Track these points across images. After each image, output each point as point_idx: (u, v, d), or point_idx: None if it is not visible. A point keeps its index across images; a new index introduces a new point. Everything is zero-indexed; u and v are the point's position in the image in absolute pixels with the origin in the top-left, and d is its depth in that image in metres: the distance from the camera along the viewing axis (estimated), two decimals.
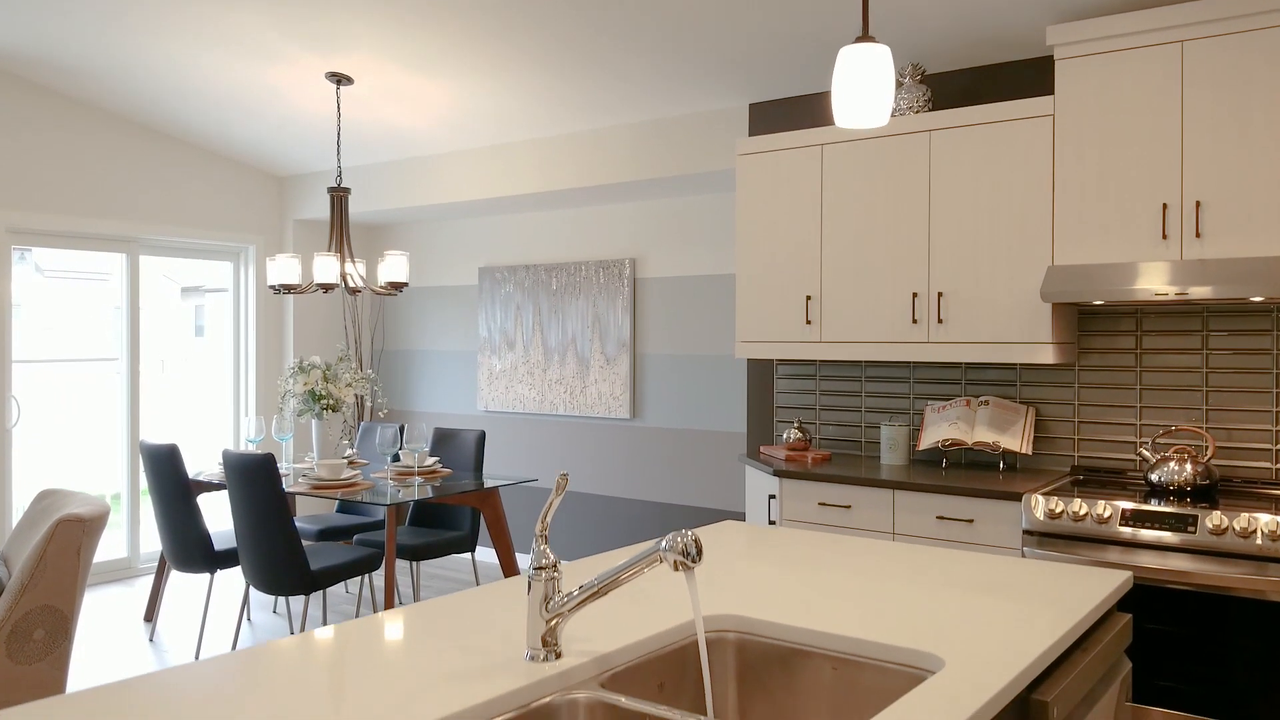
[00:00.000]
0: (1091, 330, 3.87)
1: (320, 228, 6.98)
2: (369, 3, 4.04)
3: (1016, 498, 3.41)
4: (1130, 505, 3.17)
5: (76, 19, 4.48)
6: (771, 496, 4.04)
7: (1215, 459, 3.61)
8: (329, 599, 5.54)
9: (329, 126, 5.70)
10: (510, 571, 4.77)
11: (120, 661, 4.50)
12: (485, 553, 6.57)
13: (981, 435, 3.92)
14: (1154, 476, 3.38)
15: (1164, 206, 3.33)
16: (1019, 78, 4.06)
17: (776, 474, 3.97)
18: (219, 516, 6.10)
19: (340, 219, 5.05)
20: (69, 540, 2.86)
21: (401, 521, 6.10)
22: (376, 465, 5.45)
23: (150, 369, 6.30)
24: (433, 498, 4.43)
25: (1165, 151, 3.36)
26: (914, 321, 3.92)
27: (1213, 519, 3.01)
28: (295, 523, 4.69)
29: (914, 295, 3.92)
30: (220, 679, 1.43)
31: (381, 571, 6.04)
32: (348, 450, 5.46)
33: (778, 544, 2.42)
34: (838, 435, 4.54)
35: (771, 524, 4.02)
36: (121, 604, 5.46)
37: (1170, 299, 3.23)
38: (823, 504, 3.87)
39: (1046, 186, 3.62)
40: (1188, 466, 3.33)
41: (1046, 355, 3.62)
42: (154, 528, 5.43)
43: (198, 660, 1.49)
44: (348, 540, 5.31)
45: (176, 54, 4.81)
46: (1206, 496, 3.27)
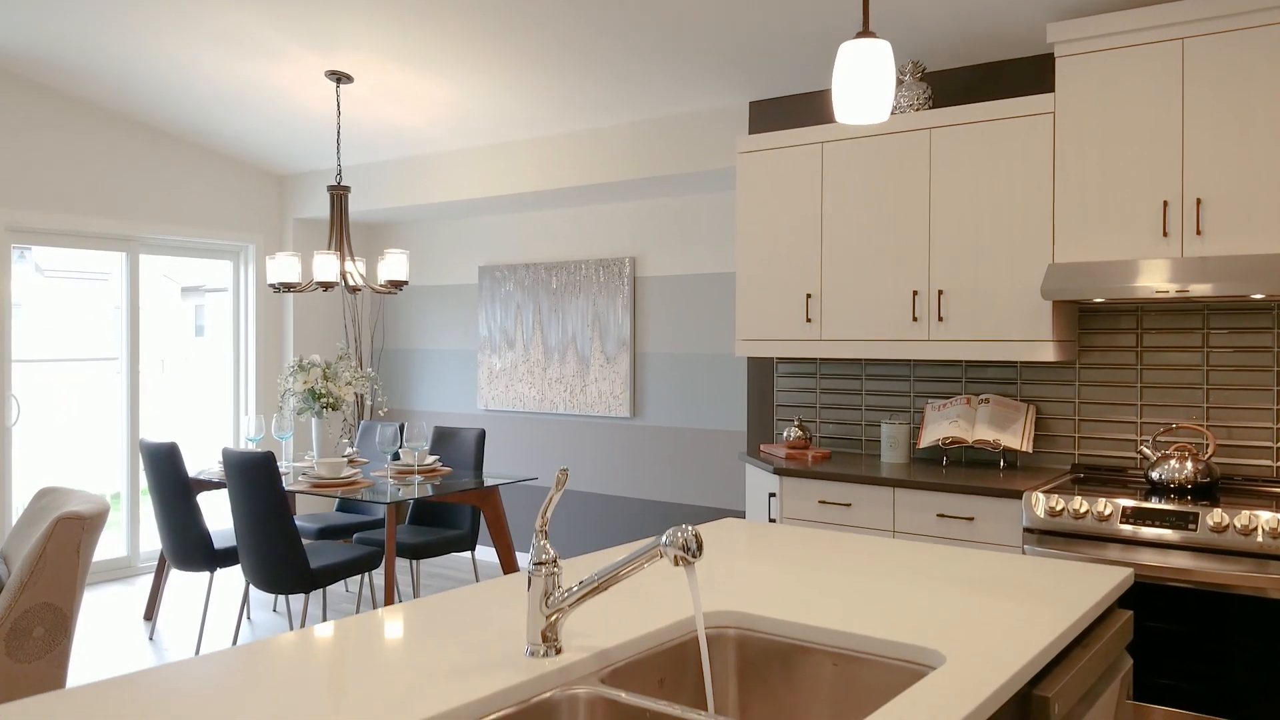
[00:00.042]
0: (1092, 328, 3.87)
1: (320, 227, 6.98)
2: (369, 2, 4.04)
3: (1017, 495, 3.41)
4: (1131, 503, 3.17)
5: (77, 18, 4.48)
6: (772, 495, 4.04)
7: (1216, 457, 3.61)
8: (329, 598, 5.54)
9: (329, 125, 5.69)
10: (510, 570, 4.77)
11: (120, 660, 4.50)
12: (485, 551, 6.56)
13: (982, 433, 3.92)
14: (1155, 474, 3.38)
15: (1165, 204, 3.33)
16: (1019, 75, 4.05)
17: (777, 472, 3.97)
18: (219, 515, 6.10)
19: (340, 217, 5.04)
20: (68, 538, 2.86)
21: (401, 520, 6.10)
22: (376, 464, 5.45)
23: (150, 368, 6.30)
24: (433, 496, 4.42)
25: (1166, 149, 3.35)
26: (914, 319, 3.91)
27: (1213, 517, 3.01)
28: (295, 521, 4.69)
29: (914, 293, 3.91)
30: (220, 674, 1.43)
31: (381, 570, 6.03)
32: (348, 449, 5.45)
33: (778, 541, 2.42)
34: (838, 433, 4.53)
35: (772, 522, 4.02)
36: (121, 603, 5.45)
37: (1171, 296, 3.23)
38: (823, 502, 3.87)
39: (1047, 184, 3.62)
40: (1188, 464, 3.32)
41: (1047, 353, 3.62)
42: (154, 526, 5.42)
43: (198, 656, 1.49)
44: (347, 539, 5.31)
45: (176, 53, 4.81)
46: (1207, 494, 3.26)
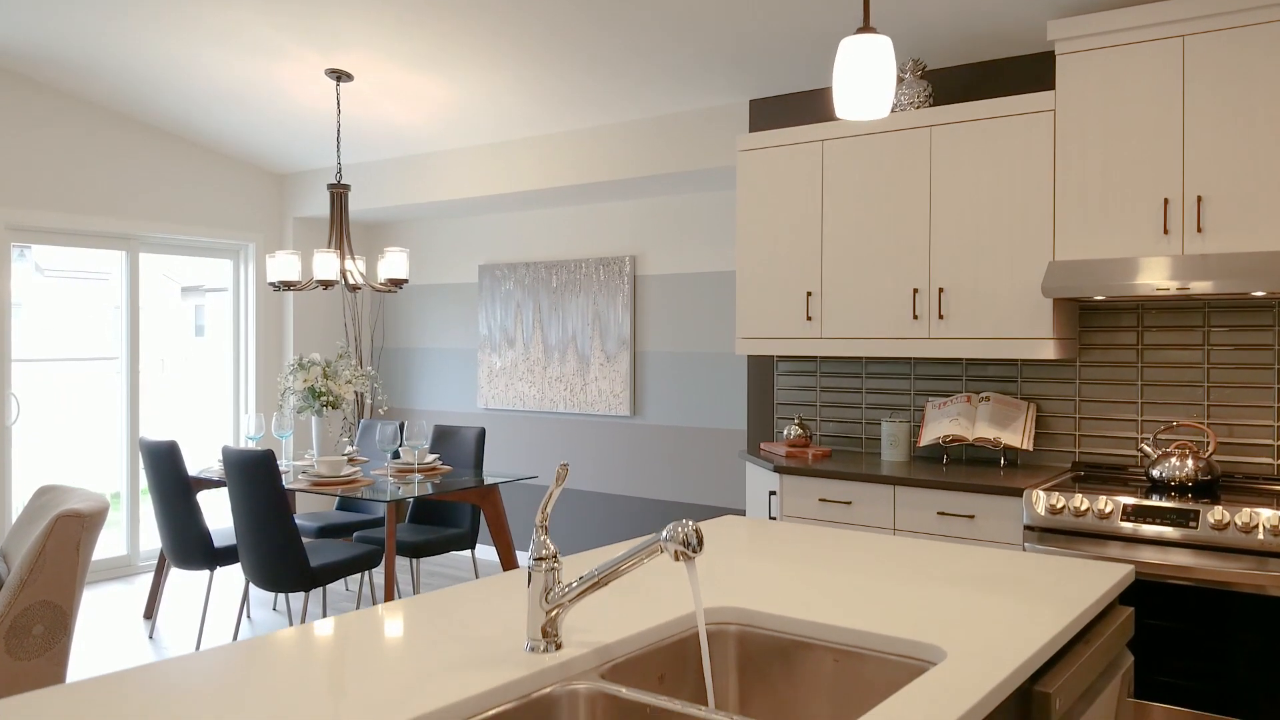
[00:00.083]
0: (1093, 326, 3.87)
1: (320, 225, 6.98)
2: (369, 0, 4.04)
3: (1017, 493, 3.40)
4: (1132, 500, 3.17)
5: (77, 16, 4.48)
6: (772, 493, 4.04)
7: (1217, 455, 3.61)
8: (329, 596, 5.54)
9: (329, 124, 5.69)
10: (510, 568, 4.77)
11: (120, 658, 4.49)
12: (485, 550, 6.56)
13: (982, 431, 3.92)
14: (1155, 472, 3.38)
15: (1165, 201, 3.33)
16: (1020, 73, 4.05)
17: (777, 470, 3.97)
18: (218, 514, 6.09)
19: (340, 216, 5.04)
20: (68, 536, 2.86)
21: (401, 519, 6.09)
22: (376, 462, 5.45)
23: (150, 368, 6.30)
24: (433, 494, 4.42)
25: (1166, 146, 3.35)
26: (915, 317, 3.91)
27: (1214, 514, 3.00)
28: (295, 520, 4.69)
29: (915, 291, 3.91)
30: (220, 669, 1.43)
31: (381, 568, 6.03)
32: (348, 447, 5.45)
33: (778, 538, 2.42)
34: (838, 432, 4.53)
35: (772, 520, 4.01)
36: (121, 601, 5.45)
37: (1171, 294, 3.22)
38: (823, 500, 3.87)
39: (1047, 182, 3.61)
40: (1189, 462, 3.32)
41: (1047, 351, 3.62)
42: (153, 525, 5.42)
43: (198, 651, 1.49)
44: (347, 537, 5.30)
45: (176, 51, 4.80)
46: (1208, 492, 3.26)
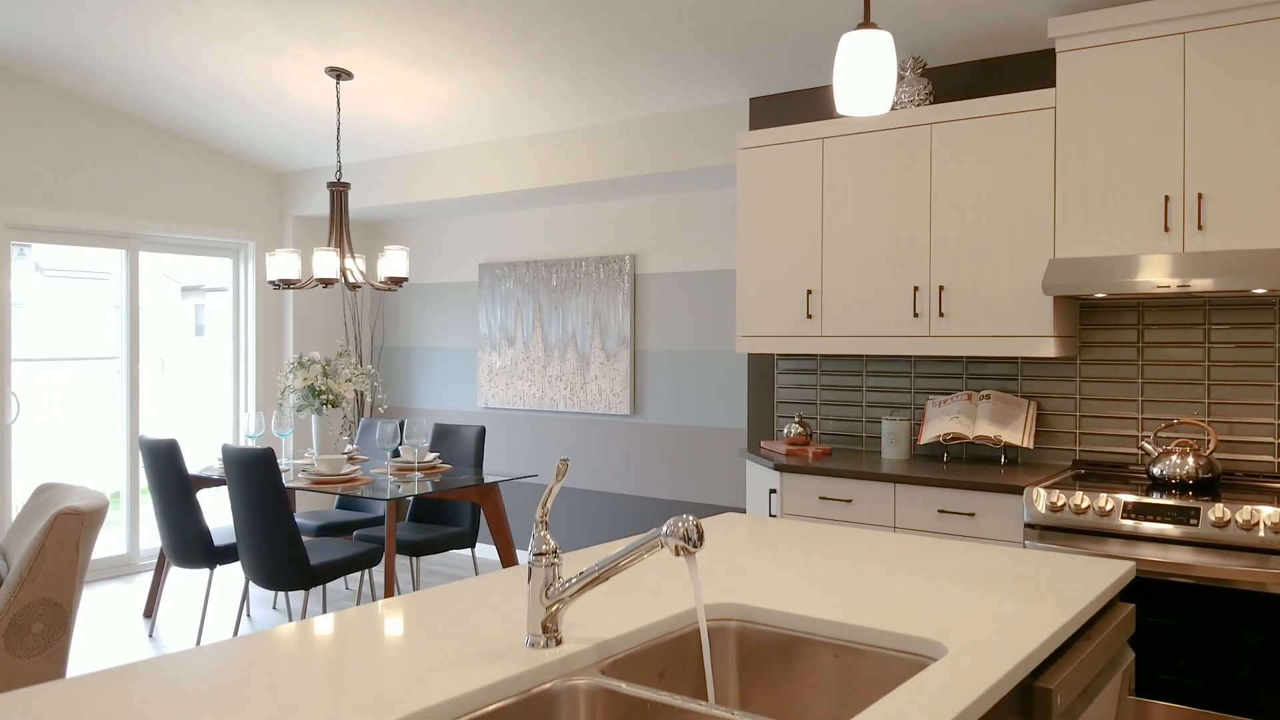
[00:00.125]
0: (1093, 324, 3.86)
1: (320, 224, 6.97)
2: None
3: (1018, 491, 3.40)
4: (1132, 498, 3.16)
5: (76, 15, 4.47)
6: (772, 491, 4.03)
7: (1217, 452, 3.60)
8: (328, 595, 5.53)
9: (329, 122, 5.69)
10: (510, 566, 4.76)
11: (120, 657, 4.49)
12: (486, 549, 6.56)
13: (983, 429, 3.91)
14: (1156, 470, 3.37)
15: (1166, 199, 3.32)
16: (1020, 71, 4.05)
17: (777, 468, 3.96)
18: (218, 512, 6.09)
19: (340, 214, 5.04)
20: (67, 533, 2.85)
21: (401, 517, 6.09)
22: (376, 461, 5.44)
23: (150, 368, 6.30)
24: (433, 493, 4.42)
25: (1167, 144, 3.35)
26: (915, 315, 3.91)
27: (1215, 511, 3.00)
28: (295, 518, 4.68)
29: (915, 289, 3.91)
30: (220, 665, 1.42)
31: (381, 567, 6.03)
32: (348, 446, 5.45)
33: (779, 535, 2.42)
34: (839, 430, 4.53)
35: (772, 518, 4.01)
36: (121, 600, 5.45)
37: (1172, 291, 3.22)
38: (824, 498, 3.86)
39: (1048, 179, 3.61)
40: (1190, 460, 3.32)
41: (1048, 349, 3.61)
42: (153, 524, 5.42)
43: (199, 646, 1.49)
44: (347, 536, 5.30)
45: (176, 49, 4.80)
46: (1209, 490, 3.26)
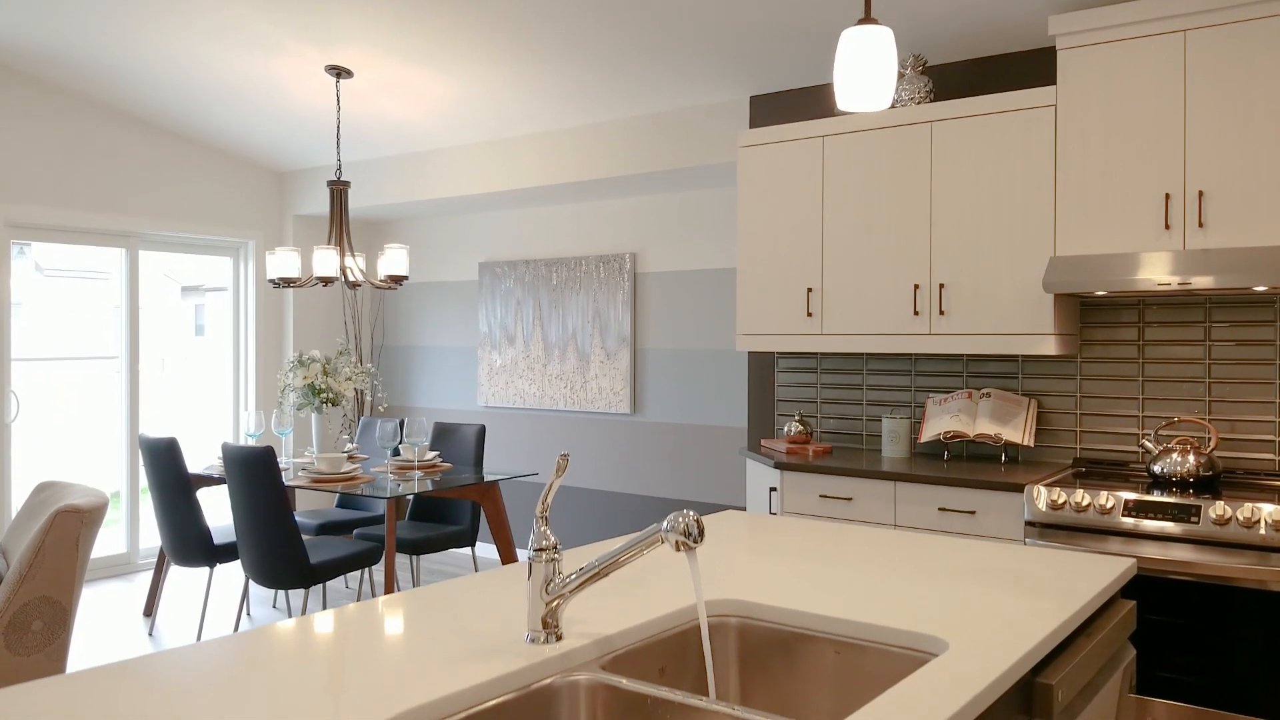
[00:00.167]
0: (1094, 321, 3.86)
1: (320, 223, 6.97)
2: None
3: (1019, 489, 3.40)
4: (1133, 496, 3.16)
5: (76, 15, 4.47)
6: (773, 489, 4.03)
7: (1218, 450, 3.60)
8: (328, 593, 5.53)
9: (329, 120, 5.68)
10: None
11: (119, 655, 4.49)
12: (485, 548, 6.56)
13: (983, 427, 3.91)
14: (1157, 468, 3.37)
15: (1166, 196, 3.32)
16: (1021, 68, 4.04)
17: (777, 467, 3.96)
18: (218, 511, 6.09)
19: (340, 213, 5.03)
20: (67, 531, 2.85)
21: (401, 516, 6.09)
22: (376, 459, 5.44)
23: (150, 367, 6.29)
24: (433, 491, 4.41)
25: (1168, 141, 3.34)
26: (915, 313, 3.91)
27: (1216, 509, 3.00)
28: (295, 517, 4.68)
29: (915, 287, 3.90)
30: (220, 660, 1.42)
31: (381, 565, 6.02)
32: (347, 444, 5.44)
33: (779, 532, 2.41)
34: (839, 428, 4.52)
35: (773, 516, 4.01)
36: (121, 599, 5.45)
37: (1173, 289, 3.22)
38: (824, 496, 3.86)
39: (1048, 177, 3.61)
40: (1190, 458, 3.32)
41: (1048, 347, 3.61)
42: (153, 523, 5.42)
43: (199, 642, 1.48)
44: (347, 534, 5.30)
45: (175, 48, 4.80)
46: (1209, 488, 3.26)
